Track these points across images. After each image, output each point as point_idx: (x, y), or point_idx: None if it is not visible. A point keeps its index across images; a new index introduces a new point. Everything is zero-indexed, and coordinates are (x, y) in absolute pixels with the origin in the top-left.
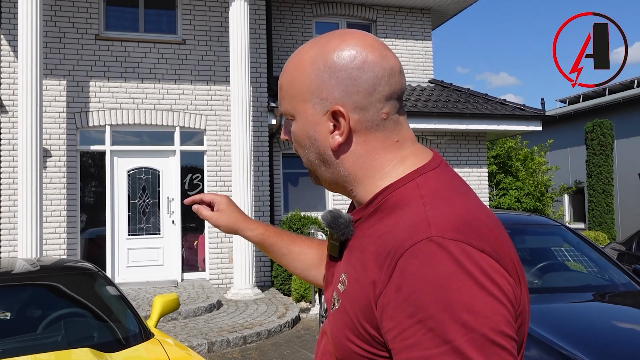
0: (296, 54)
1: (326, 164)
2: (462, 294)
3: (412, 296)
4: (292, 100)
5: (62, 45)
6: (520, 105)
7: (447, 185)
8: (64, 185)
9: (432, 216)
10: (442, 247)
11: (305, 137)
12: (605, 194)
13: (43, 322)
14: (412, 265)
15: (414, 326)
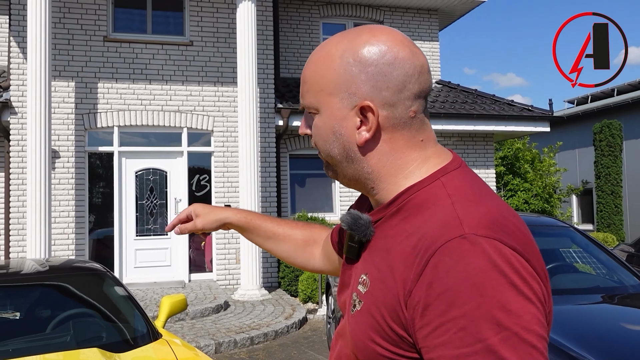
0: (323, 47)
1: (349, 160)
2: (496, 292)
3: (445, 294)
4: (317, 94)
5: (70, 47)
6: (528, 106)
7: (472, 185)
8: (72, 186)
9: (463, 214)
10: (476, 244)
11: (329, 132)
12: (614, 195)
13: (52, 322)
14: (445, 263)
15: (446, 324)
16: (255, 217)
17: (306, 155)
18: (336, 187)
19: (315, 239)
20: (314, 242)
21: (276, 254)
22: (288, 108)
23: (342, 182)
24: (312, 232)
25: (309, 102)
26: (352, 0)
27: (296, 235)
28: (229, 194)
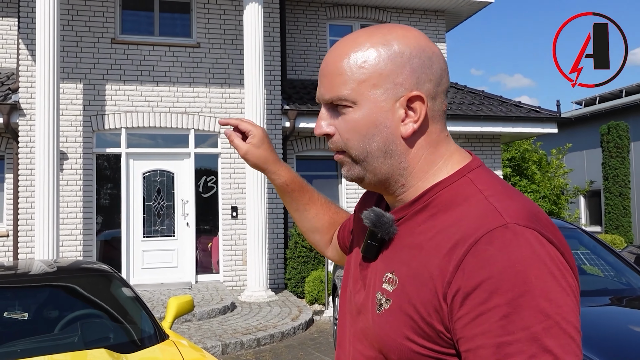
0: (354, 40)
1: (387, 154)
2: (539, 280)
3: (487, 282)
4: (358, 86)
5: (78, 49)
6: (536, 107)
7: (499, 181)
8: (80, 187)
9: (500, 207)
10: (519, 234)
11: (370, 125)
12: (622, 197)
13: (60, 323)
14: (487, 251)
15: (488, 312)
16: (295, 186)
17: (313, 157)
18: (343, 188)
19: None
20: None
21: (297, 224)
22: (295, 109)
23: (369, 182)
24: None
25: (345, 95)
26: (359, 2)
27: (323, 220)
28: (235, 196)
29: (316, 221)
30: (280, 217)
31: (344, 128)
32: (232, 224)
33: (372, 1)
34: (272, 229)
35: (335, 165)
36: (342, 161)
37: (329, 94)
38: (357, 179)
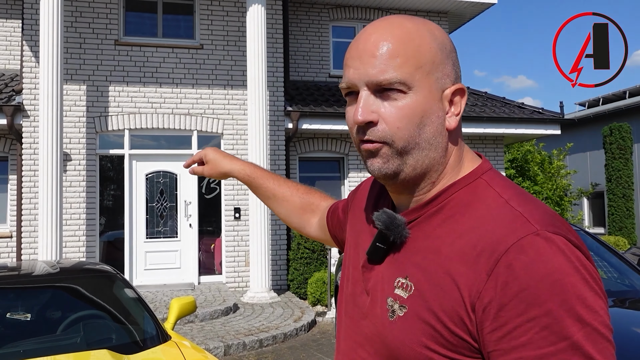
0: (401, 24)
1: (433, 147)
2: (576, 288)
3: (524, 293)
4: (416, 70)
5: (82, 50)
6: (539, 108)
7: (511, 184)
8: (83, 188)
9: (525, 212)
10: (550, 241)
11: (423, 114)
12: (626, 199)
13: (62, 324)
14: (521, 261)
15: (526, 324)
16: (259, 175)
17: (315, 158)
18: (345, 189)
19: (313, 208)
20: (311, 210)
21: (274, 211)
22: (298, 111)
23: (403, 178)
24: (311, 200)
25: (403, 79)
26: (362, 3)
27: (294, 200)
28: (238, 197)
29: (287, 204)
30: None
31: (395, 115)
32: (234, 225)
33: (375, 3)
34: (274, 230)
35: (338, 166)
36: (377, 153)
37: (382, 75)
38: (392, 175)
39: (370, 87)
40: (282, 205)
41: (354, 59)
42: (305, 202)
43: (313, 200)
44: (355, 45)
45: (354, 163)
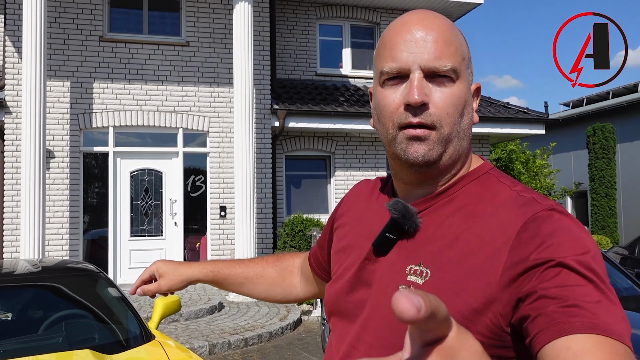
0: (443, 17)
1: (465, 137)
2: (593, 246)
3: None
4: (462, 61)
5: (66, 46)
6: (524, 108)
7: (516, 180)
8: (66, 186)
9: (536, 197)
10: (564, 213)
11: (463, 103)
12: (608, 198)
13: (44, 323)
14: (543, 228)
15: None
16: (222, 266)
17: (302, 157)
18: (332, 188)
19: (290, 269)
20: (289, 272)
21: (253, 296)
22: (284, 109)
23: (440, 166)
24: (285, 264)
25: (455, 65)
26: (349, 2)
27: (269, 273)
28: (224, 195)
29: (263, 279)
30: (269, 217)
31: (446, 101)
32: (220, 224)
33: (362, 1)
34: (260, 229)
35: (325, 164)
36: (425, 139)
37: (439, 61)
38: (433, 161)
39: (424, 71)
40: (259, 283)
41: (407, 42)
42: (281, 268)
43: (286, 263)
44: (407, 28)
45: (340, 162)
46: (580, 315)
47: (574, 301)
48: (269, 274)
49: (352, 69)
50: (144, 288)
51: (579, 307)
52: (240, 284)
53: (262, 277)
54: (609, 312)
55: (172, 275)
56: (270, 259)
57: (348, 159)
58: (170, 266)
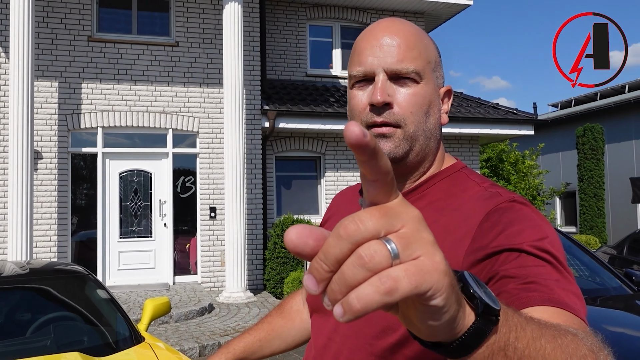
0: (411, 25)
1: (432, 137)
2: (551, 232)
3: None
4: (426, 64)
5: (54, 46)
6: (513, 109)
7: (486, 177)
8: (54, 187)
9: (500, 191)
10: (526, 204)
11: (429, 104)
12: (597, 198)
13: (32, 326)
14: (505, 216)
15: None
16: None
17: (292, 157)
18: (322, 189)
19: (297, 309)
20: (297, 312)
21: (278, 353)
22: (274, 110)
23: (407, 162)
24: (289, 307)
25: (417, 68)
26: (339, 3)
27: (278, 323)
28: (214, 196)
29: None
30: (260, 218)
31: (409, 101)
32: (210, 225)
33: (352, 2)
34: (251, 230)
35: (315, 165)
36: (390, 136)
37: (402, 64)
38: (400, 158)
39: (388, 74)
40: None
41: (373, 47)
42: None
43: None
44: (373, 35)
45: (331, 162)
46: (538, 290)
47: (532, 278)
48: (278, 324)
49: (343, 69)
50: None
51: (537, 284)
52: (260, 348)
53: (273, 332)
54: (566, 289)
55: None
56: (275, 312)
57: (338, 159)
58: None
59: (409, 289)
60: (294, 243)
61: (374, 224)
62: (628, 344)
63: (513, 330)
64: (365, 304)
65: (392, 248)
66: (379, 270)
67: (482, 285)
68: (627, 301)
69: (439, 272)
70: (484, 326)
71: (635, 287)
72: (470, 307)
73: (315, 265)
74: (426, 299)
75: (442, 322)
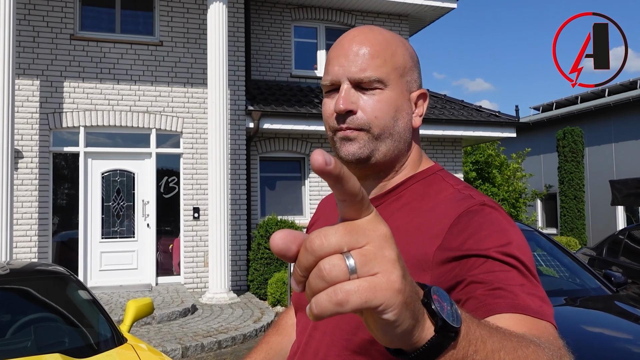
0: (381, 32)
1: (401, 139)
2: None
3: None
4: (392, 71)
5: (35, 44)
6: (496, 112)
7: (462, 180)
8: (35, 187)
9: (473, 193)
10: (496, 208)
11: (394, 108)
12: (577, 200)
13: (12, 327)
14: (473, 220)
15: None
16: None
17: (277, 158)
18: (306, 190)
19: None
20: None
21: None
22: (259, 110)
23: (373, 162)
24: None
25: (382, 77)
26: (324, 4)
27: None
28: (197, 197)
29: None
30: (243, 219)
31: (373, 106)
32: (193, 225)
33: (337, 4)
34: (234, 230)
35: (299, 166)
36: (355, 139)
37: (363, 73)
38: (365, 159)
39: (352, 82)
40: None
41: (339, 57)
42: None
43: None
44: (341, 45)
45: None
46: (504, 296)
47: (498, 284)
48: (276, 342)
49: None
50: None
51: (503, 290)
52: None
53: (272, 350)
54: (531, 294)
55: None
56: (271, 331)
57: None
58: None
59: (358, 303)
60: (279, 247)
61: (336, 239)
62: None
63: (473, 343)
64: (320, 310)
65: (350, 263)
66: (335, 282)
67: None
68: (606, 302)
69: (392, 290)
70: (442, 341)
71: (614, 288)
72: (432, 321)
73: (295, 269)
74: (378, 313)
75: (396, 334)
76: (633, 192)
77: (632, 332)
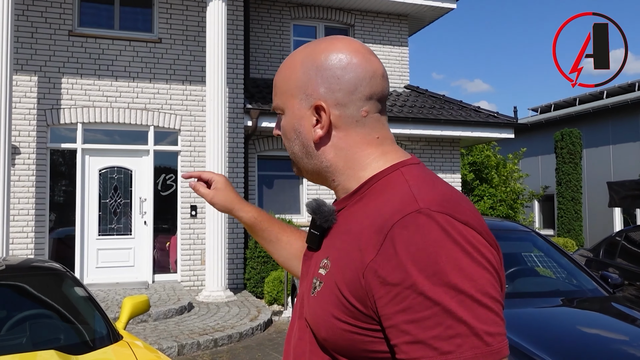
0: (290, 56)
1: (309, 155)
2: (451, 259)
3: (403, 264)
4: (282, 96)
5: (34, 40)
6: (494, 112)
7: (429, 175)
8: (32, 183)
9: (418, 194)
10: (431, 217)
11: (291, 130)
12: (574, 202)
13: (7, 324)
14: (403, 235)
15: (405, 291)
16: (264, 218)
17: (275, 157)
18: (304, 188)
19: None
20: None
21: (274, 257)
22: (257, 109)
23: (307, 177)
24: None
25: (277, 104)
26: (323, 3)
27: (297, 244)
28: (195, 194)
29: (290, 247)
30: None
31: (283, 131)
32: (191, 223)
33: (337, 3)
34: (232, 229)
35: None
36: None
37: (273, 103)
38: (299, 174)
39: None
40: (285, 249)
41: None
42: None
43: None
44: None
45: None
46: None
47: (421, 337)
48: (296, 245)
49: None
50: (196, 185)
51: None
52: (269, 241)
53: (289, 245)
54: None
55: (225, 194)
56: (303, 234)
57: None
58: (228, 189)
59: None
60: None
61: None
62: (603, 346)
63: None
64: None
65: None
66: None
67: None
68: (603, 303)
69: None
70: None
71: (611, 290)
72: None
73: None
74: None
75: None
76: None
77: (628, 333)
